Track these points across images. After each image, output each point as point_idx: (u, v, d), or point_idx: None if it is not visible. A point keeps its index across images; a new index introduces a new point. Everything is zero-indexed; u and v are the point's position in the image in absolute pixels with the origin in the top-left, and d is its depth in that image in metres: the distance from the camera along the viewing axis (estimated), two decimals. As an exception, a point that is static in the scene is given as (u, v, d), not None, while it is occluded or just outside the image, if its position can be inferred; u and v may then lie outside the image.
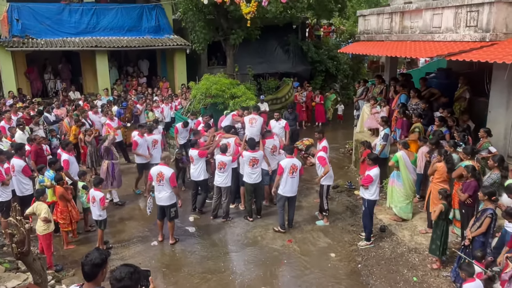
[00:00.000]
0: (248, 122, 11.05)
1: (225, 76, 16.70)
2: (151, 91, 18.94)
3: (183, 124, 13.27)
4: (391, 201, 9.83)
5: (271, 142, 10.48)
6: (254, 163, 9.70)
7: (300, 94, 19.76)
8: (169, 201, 8.86)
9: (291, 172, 9.10)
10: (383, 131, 11.34)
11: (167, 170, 8.67)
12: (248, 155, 9.72)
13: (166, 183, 8.65)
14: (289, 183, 9.13)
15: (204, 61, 21.46)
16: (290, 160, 9.16)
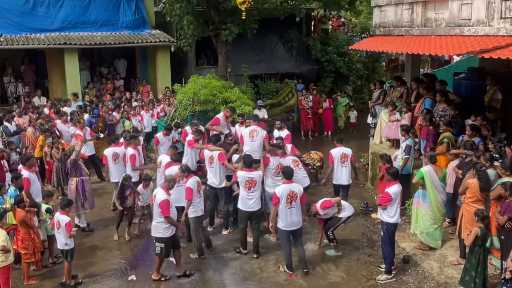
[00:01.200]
0: (247, 135, 10.71)
1: (217, 78, 16.67)
2: (129, 96, 18.90)
3: (164, 131, 13.12)
4: (416, 226, 9.69)
5: (276, 161, 10.20)
6: (251, 185, 9.41)
7: (305, 99, 19.68)
8: (155, 233, 8.69)
9: (289, 201, 8.67)
10: (404, 142, 11.25)
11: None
12: (243, 176, 9.46)
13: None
14: (289, 214, 8.71)
15: (191, 61, 21.44)
16: (287, 186, 8.70)
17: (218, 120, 12.34)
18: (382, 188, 9.98)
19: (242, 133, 10.81)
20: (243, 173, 9.47)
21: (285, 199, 8.65)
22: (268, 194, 10.13)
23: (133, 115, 16.15)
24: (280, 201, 8.66)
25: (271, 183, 10.11)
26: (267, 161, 10.14)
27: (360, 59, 24.66)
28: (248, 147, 10.57)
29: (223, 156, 10.55)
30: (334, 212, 9.68)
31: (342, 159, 11.07)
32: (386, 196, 8.61)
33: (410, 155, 11.17)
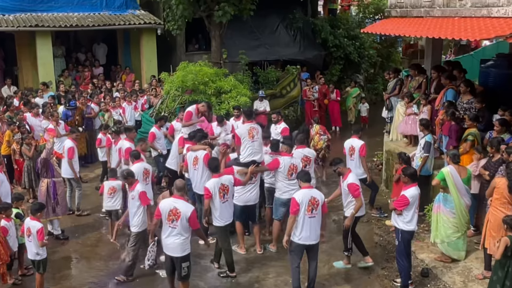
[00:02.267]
0: (247, 135, 10.31)
1: (209, 65, 16.64)
2: (109, 86, 18.86)
3: (158, 123, 13.09)
4: (437, 235, 9.68)
5: (287, 161, 10.06)
6: (225, 193, 9.35)
7: (310, 89, 19.68)
8: (180, 251, 8.32)
9: (310, 209, 8.45)
10: (423, 139, 11.24)
11: (185, 207, 8.25)
12: (215, 183, 9.33)
13: (182, 225, 8.19)
14: (308, 225, 8.46)
15: (181, 45, 21.40)
16: (307, 192, 8.53)
17: (191, 114, 12.12)
18: (397, 191, 9.98)
19: (238, 133, 10.45)
20: (213, 180, 9.34)
21: (305, 207, 8.39)
22: (279, 201, 10.13)
23: (113, 107, 16.13)
24: (300, 209, 8.40)
25: (284, 187, 10.04)
26: (276, 163, 10.01)
27: (373, 44, 24.66)
28: (250, 149, 10.21)
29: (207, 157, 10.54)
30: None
31: (350, 151, 11.45)
32: (402, 199, 8.61)
33: (430, 154, 11.15)
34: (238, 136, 10.35)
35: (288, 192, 9.84)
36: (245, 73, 19.01)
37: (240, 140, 10.24)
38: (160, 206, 8.33)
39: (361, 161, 11.48)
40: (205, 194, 9.25)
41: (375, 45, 24.88)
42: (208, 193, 9.17)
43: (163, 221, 8.28)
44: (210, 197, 9.19)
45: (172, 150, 12.09)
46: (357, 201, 9.23)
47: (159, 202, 9.09)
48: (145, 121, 15.94)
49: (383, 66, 24.63)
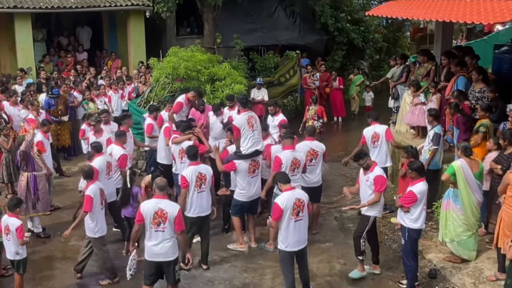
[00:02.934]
0: (246, 125, 10.21)
1: (202, 50, 16.62)
2: (94, 72, 18.82)
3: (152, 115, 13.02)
4: (446, 233, 9.70)
5: (289, 156, 10.02)
6: (202, 182, 9.52)
7: (310, 77, 19.67)
8: (172, 255, 8.21)
9: (296, 212, 8.30)
10: (432, 131, 11.25)
11: (171, 206, 8.15)
12: (192, 171, 9.49)
13: (171, 227, 8.10)
14: (295, 230, 8.36)
15: (171, 29, 21.41)
16: (291, 193, 8.37)
17: (181, 105, 12.13)
18: (404, 187, 9.97)
19: (237, 124, 10.33)
20: (190, 168, 9.51)
21: (290, 211, 8.24)
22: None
23: (98, 95, 16.07)
24: (285, 214, 8.26)
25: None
26: (278, 163, 9.91)
27: (379, 28, 24.64)
28: (251, 140, 10.17)
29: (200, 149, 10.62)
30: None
31: (373, 139, 11.54)
32: (409, 195, 8.61)
33: (439, 146, 11.17)
34: (237, 128, 10.22)
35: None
36: (241, 59, 19.02)
37: (240, 132, 10.17)
38: (143, 210, 8.06)
39: (389, 146, 11.69)
40: (182, 183, 9.42)
41: (381, 29, 24.89)
42: (185, 182, 9.36)
43: (147, 226, 8.05)
44: (187, 186, 9.37)
45: (159, 143, 12.06)
46: (376, 196, 9.07)
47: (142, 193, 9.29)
48: (132, 111, 15.88)
49: (389, 52, 24.63)
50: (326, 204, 12.52)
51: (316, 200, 11.02)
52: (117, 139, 11.24)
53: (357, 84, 20.61)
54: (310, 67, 20.31)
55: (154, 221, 8.00)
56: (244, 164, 10.17)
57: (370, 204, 9.14)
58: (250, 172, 10.17)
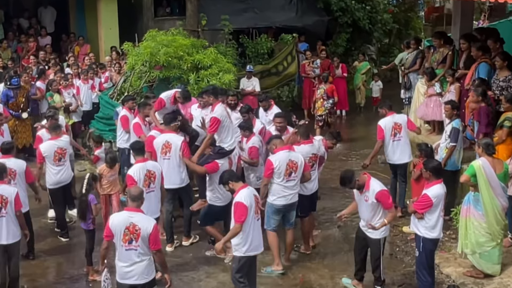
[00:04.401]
0: (227, 116, 10.51)
1: (184, 34, 16.53)
2: (58, 59, 18.70)
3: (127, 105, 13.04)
4: (466, 244, 9.69)
5: (283, 158, 9.92)
6: (151, 181, 9.87)
7: (310, 64, 19.64)
8: (147, 276, 8.08)
9: (257, 210, 8.73)
10: (450, 125, 11.24)
11: (145, 221, 8.00)
12: (140, 168, 9.83)
13: (145, 244, 7.97)
14: (257, 231, 8.69)
15: (148, 9, 21.34)
16: (249, 190, 8.65)
17: (163, 103, 11.96)
18: (418, 191, 10.00)
19: (218, 116, 10.35)
20: (137, 166, 9.82)
21: (254, 209, 8.56)
22: (272, 207, 10.02)
23: (65, 87, 15.96)
24: (248, 213, 8.44)
25: (281, 190, 9.95)
26: (269, 168, 9.87)
27: (388, 8, 24.61)
28: (235, 133, 10.52)
29: (187, 147, 10.68)
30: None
31: (394, 130, 11.68)
32: (424, 200, 8.61)
33: (458, 143, 11.16)
34: (218, 120, 10.25)
35: (285, 197, 9.85)
36: (229, 43, 18.92)
37: (220, 125, 10.27)
38: (112, 223, 7.96)
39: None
40: (128, 183, 9.63)
41: (391, 8, 24.81)
42: (132, 181, 9.54)
43: (117, 243, 7.92)
44: (135, 186, 9.40)
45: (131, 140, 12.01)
46: (391, 211, 9.02)
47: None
48: (104, 104, 15.76)
49: (400, 34, 24.60)
50: (328, 211, 12.53)
51: (314, 209, 11.09)
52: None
53: (362, 72, 20.56)
54: (310, 52, 20.22)
55: (125, 238, 7.84)
56: (225, 164, 10.24)
57: (392, 219, 9.24)
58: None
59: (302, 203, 10.39)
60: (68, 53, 20.00)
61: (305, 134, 10.66)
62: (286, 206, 10.00)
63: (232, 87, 15.09)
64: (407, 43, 15.85)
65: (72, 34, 21.69)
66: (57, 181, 11.45)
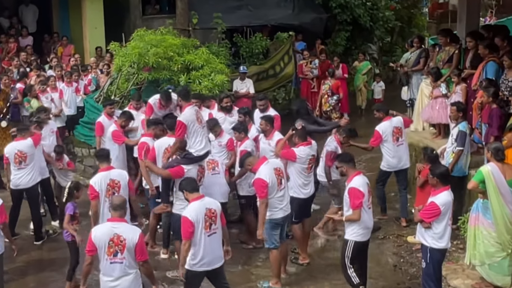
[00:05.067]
0: (195, 119, 10.38)
1: (174, 33, 16.52)
2: (40, 60, 18.76)
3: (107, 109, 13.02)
4: (475, 254, 9.64)
5: (270, 170, 9.85)
6: (115, 191, 9.73)
7: (307, 64, 19.61)
8: None
9: (208, 225, 8.45)
10: (456, 128, 11.23)
11: (130, 231, 7.98)
12: (103, 178, 9.82)
13: (131, 256, 7.93)
14: (209, 245, 8.50)
15: (136, 7, 21.42)
16: (200, 203, 8.55)
17: (151, 109, 12.18)
18: (422, 199, 9.95)
19: (184, 120, 10.25)
20: (100, 175, 9.80)
21: (202, 224, 8.40)
22: (272, 222, 9.86)
23: (43, 91, 15.82)
24: (197, 229, 8.38)
25: (277, 203, 9.88)
26: (261, 186, 9.68)
27: (390, 4, 24.62)
28: (203, 138, 10.38)
29: (153, 151, 10.80)
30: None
31: (395, 135, 11.96)
32: (431, 208, 8.57)
33: (465, 147, 11.14)
34: (184, 124, 10.14)
35: (282, 209, 9.80)
36: (222, 43, 18.93)
37: (186, 130, 10.16)
38: (94, 237, 7.89)
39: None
40: (90, 193, 9.59)
41: (393, 5, 24.82)
42: (94, 192, 9.53)
43: (101, 257, 7.88)
44: (97, 197, 9.52)
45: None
46: (354, 214, 9.01)
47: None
48: (89, 108, 15.80)
49: (403, 32, 24.65)
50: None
51: (309, 215, 11.09)
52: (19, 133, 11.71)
53: (363, 72, 20.57)
54: (307, 52, 20.23)
55: (110, 251, 7.79)
56: (193, 170, 10.10)
57: (349, 220, 9.11)
58: (198, 180, 10.14)
59: (298, 207, 10.48)
60: (50, 54, 19.94)
61: (303, 135, 10.72)
62: (284, 218, 9.98)
63: (225, 89, 15.13)
64: (410, 42, 15.81)
65: (55, 34, 21.66)
66: (16, 184, 11.74)
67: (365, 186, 9.04)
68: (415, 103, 14.57)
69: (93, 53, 19.35)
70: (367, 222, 9.16)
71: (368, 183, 9.15)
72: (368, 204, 9.08)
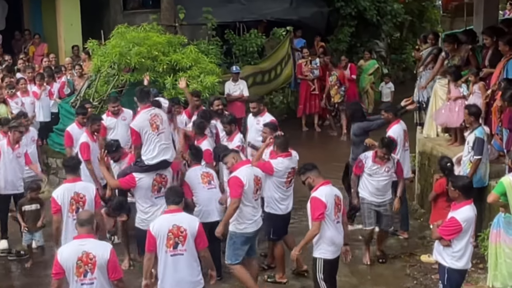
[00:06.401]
0: (149, 125, 10.37)
1: (159, 30, 16.49)
2: (10, 61, 18.68)
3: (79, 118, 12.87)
4: (496, 276, 9.64)
5: (249, 174, 9.94)
6: (79, 206, 9.74)
7: (307, 63, 19.59)
8: None
9: (172, 243, 8.35)
10: (472, 135, 11.13)
11: (100, 248, 7.94)
12: (67, 191, 9.74)
13: (103, 275, 7.90)
14: (170, 268, 8.45)
15: (116, 1, 21.43)
16: (169, 217, 8.52)
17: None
18: (438, 214, 9.99)
19: (135, 126, 10.44)
20: (63, 187, 9.77)
21: (164, 241, 8.34)
22: (242, 237, 9.94)
23: (12, 95, 15.71)
24: (159, 246, 8.36)
25: (250, 214, 9.94)
26: (236, 184, 9.75)
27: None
28: (158, 146, 10.30)
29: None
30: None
31: (404, 140, 12.14)
32: (451, 224, 8.48)
33: (484, 156, 11.05)
34: (136, 132, 10.27)
35: (255, 222, 9.81)
36: (212, 40, 18.90)
37: (140, 137, 10.22)
38: (61, 258, 7.83)
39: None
40: (52, 207, 9.59)
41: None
42: (56, 205, 9.53)
43: (70, 279, 7.82)
44: (59, 211, 9.52)
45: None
46: (313, 226, 8.95)
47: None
48: (64, 114, 15.75)
49: (413, 27, 24.67)
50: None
51: (286, 231, 11.06)
52: None
53: (369, 72, 20.56)
54: (307, 50, 20.20)
55: (79, 271, 7.74)
56: (146, 180, 10.10)
57: (310, 239, 9.01)
58: (155, 191, 10.16)
59: (275, 223, 10.53)
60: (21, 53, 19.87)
61: (283, 145, 10.64)
62: (255, 232, 10.01)
63: (216, 91, 15.06)
64: (424, 37, 15.74)
65: (27, 32, 21.65)
66: None
67: (331, 197, 8.86)
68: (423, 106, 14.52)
69: (69, 53, 19.32)
70: (334, 238, 8.98)
71: (337, 195, 9.00)
72: (335, 218, 8.91)
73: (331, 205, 8.85)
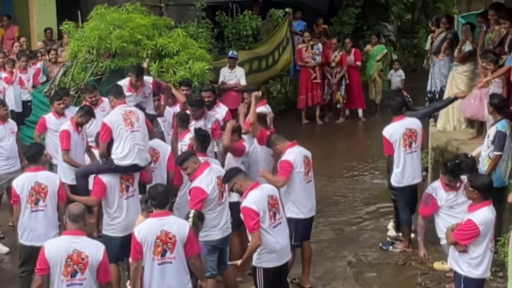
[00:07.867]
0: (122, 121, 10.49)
1: (143, 11, 16.50)
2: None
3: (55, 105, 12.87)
4: (518, 283, 9.64)
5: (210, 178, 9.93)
6: (40, 198, 9.87)
7: (308, 49, 19.60)
8: None
9: (160, 251, 8.36)
10: (493, 128, 11.18)
11: (92, 247, 8.01)
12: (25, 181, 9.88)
13: (92, 276, 7.96)
14: (158, 277, 8.48)
15: (96, -21, 21.26)
16: (157, 222, 8.49)
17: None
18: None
19: (108, 122, 10.55)
20: (24, 176, 9.91)
21: (151, 248, 8.35)
22: (206, 247, 9.80)
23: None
24: (145, 253, 8.36)
25: (213, 219, 9.92)
26: (201, 194, 9.68)
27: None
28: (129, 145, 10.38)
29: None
30: None
31: (408, 139, 11.58)
32: (468, 227, 8.53)
33: (504, 151, 11.10)
34: (108, 127, 10.36)
35: (220, 229, 9.81)
36: (202, 23, 18.90)
37: (111, 133, 10.33)
38: (48, 253, 7.86)
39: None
40: (12, 197, 9.98)
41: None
42: (15, 195, 9.77)
43: (55, 277, 7.87)
44: (18, 201, 9.71)
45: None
46: (252, 238, 8.94)
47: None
48: (37, 104, 15.79)
49: (425, 9, 24.68)
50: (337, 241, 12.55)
51: (308, 237, 11.06)
52: None
53: (377, 58, 20.55)
54: (308, 34, 20.19)
55: (67, 270, 7.79)
56: (112, 181, 10.13)
57: (250, 253, 8.97)
58: (123, 190, 10.20)
59: (297, 228, 10.41)
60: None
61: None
62: (222, 240, 9.95)
63: (206, 79, 15.03)
64: (436, 19, 15.74)
65: (-4, 13, 21.67)
66: None
67: (263, 201, 8.85)
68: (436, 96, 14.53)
69: (42, 36, 19.30)
70: (274, 245, 8.97)
71: (271, 195, 8.99)
72: (272, 222, 8.91)
73: (263, 211, 8.82)
